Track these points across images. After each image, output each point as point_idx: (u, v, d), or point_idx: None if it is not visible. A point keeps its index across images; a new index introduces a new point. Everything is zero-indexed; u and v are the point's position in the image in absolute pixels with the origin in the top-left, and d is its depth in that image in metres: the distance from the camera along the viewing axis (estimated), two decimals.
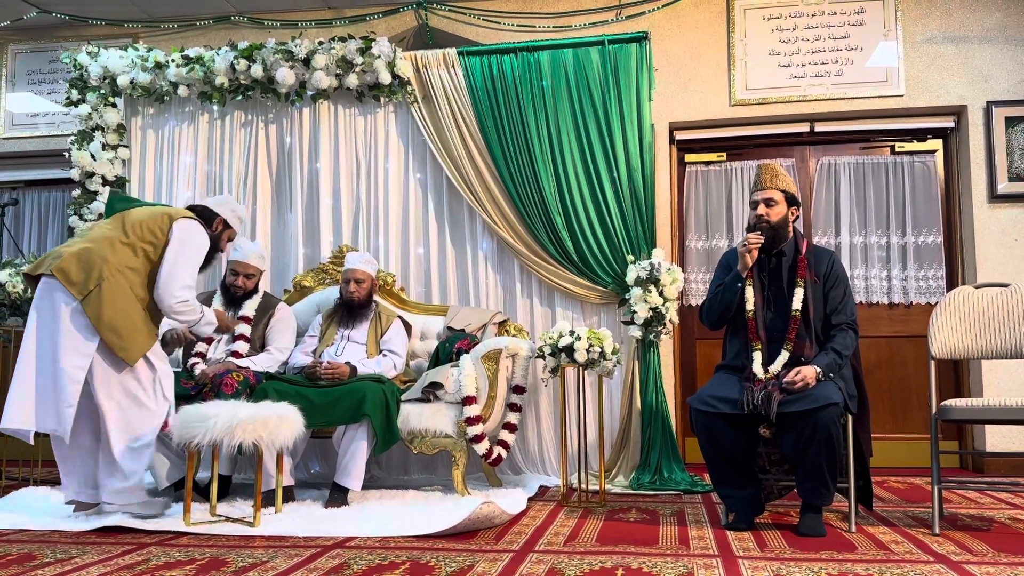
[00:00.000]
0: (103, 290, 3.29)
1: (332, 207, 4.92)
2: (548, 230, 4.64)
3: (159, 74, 4.94)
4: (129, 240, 3.42)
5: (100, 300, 3.27)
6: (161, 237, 3.46)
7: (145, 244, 3.43)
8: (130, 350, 3.32)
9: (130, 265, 3.39)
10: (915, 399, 5.07)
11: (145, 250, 3.43)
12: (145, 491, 3.42)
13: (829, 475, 3.06)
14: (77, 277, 3.29)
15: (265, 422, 3.19)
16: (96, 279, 3.29)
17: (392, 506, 3.64)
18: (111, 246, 3.39)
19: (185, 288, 3.43)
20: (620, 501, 3.90)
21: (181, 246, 3.47)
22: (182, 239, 3.48)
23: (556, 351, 3.81)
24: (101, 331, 3.26)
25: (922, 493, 4.08)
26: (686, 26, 5.22)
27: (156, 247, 3.45)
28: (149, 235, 3.45)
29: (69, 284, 3.28)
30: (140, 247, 3.43)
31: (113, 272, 3.33)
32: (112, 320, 3.28)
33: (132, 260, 3.40)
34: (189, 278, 3.46)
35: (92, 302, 3.27)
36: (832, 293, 3.30)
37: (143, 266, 3.43)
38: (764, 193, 3.34)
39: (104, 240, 3.41)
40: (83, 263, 3.32)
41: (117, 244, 3.40)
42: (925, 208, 5.14)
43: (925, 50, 5.02)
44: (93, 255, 3.34)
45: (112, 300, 3.29)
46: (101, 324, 3.26)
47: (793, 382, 3.06)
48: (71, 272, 3.30)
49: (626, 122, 4.61)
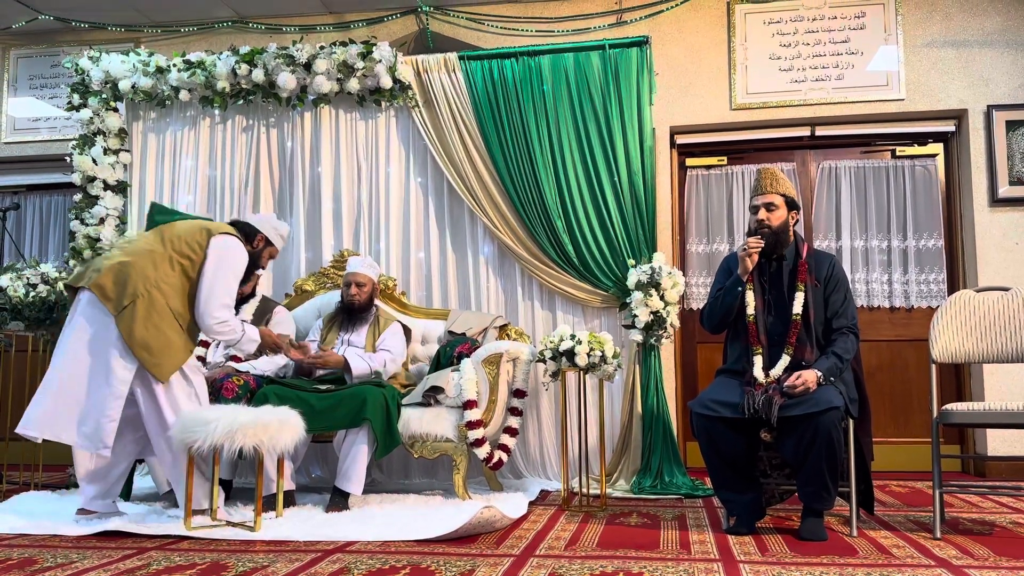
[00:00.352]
0: (137, 307, 3.28)
1: (333, 211, 4.92)
2: (549, 234, 4.64)
3: (160, 78, 4.95)
4: (167, 253, 3.40)
5: (133, 317, 3.27)
6: (199, 252, 3.43)
7: (183, 259, 3.41)
8: (162, 366, 3.31)
9: (167, 280, 3.37)
10: (916, 403, 5.07)
11: (183, 265, 3.41)
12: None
13: (830, 479, 3.06)
14: (113, 293, 3.29)
15: (266, 426, 3.19)
16: (131, 295, 3.29)
17: (393, 510, 3.64)
18: (150, 261, 3.37)
19: (223, 308, 3.40)
20: (621, 505, 3.90)
21: (219, 263, 3.43)
22: (220, 256, 3.45)
23: (557, 355, 3.81)
24: (133, 348, 3.26)
25: (923, 497, 4.07)
26: (687, 30, 5.23)
27: (193, 263, 3.43)
28: (187, 249, 3.42)
29: (105, 300, 3.28)
30: (178, 261, 3.41)
31: (150, 288, 3.32)
32: (144, 337, 3.27)
33: (170, 275, 3.38)
34: (227, 296, 3.42)
35: (125, 319, 3.27)
36: (833, 297, 3.30)
37: (180, 281, 3.40)
38: (764, 197, 3.34)
39: (143, 254, 3.40)
40: (120, 278, 3.31)
41: (156, 258, 3.38)
42: (926, 212, 5.14)
43: (926, 54, 5.03)
44: (131, 270, 3.33)
45: (146, 317, 3.29)
46: (133, 341, 3.26)
47: (794, 386, 3.06)
48: (107, 287, 3.30)
49: (627, 126, 4.62)
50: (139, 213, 5.05)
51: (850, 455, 3.18)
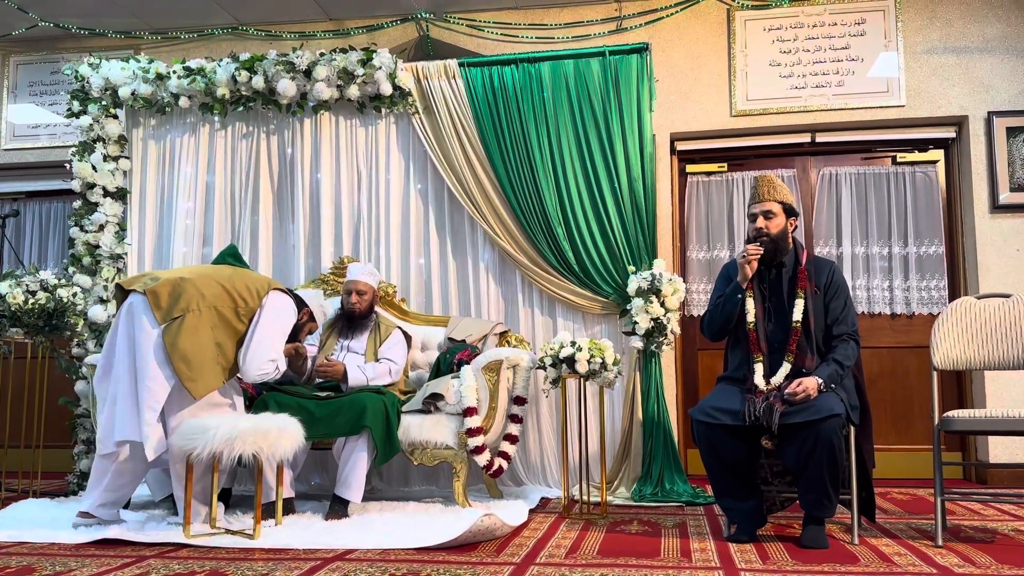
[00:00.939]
0: (185, 320, 3.32)
1: (333, 218, 4.93)
2: (549, 241, 4.64)
3: (160, 85, 4.96)
4: (227, 287, 3.45)
5: (180, 329, 3.30)
6: (255, 300, 3.49)
7: (239, 299, 3.46)
8: (198, 382, 3.32)
9: (220, 309, 3.41)
10: (917, 410, 5.07)
11: (237, 305, 3.46)
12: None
13: (831, 487, 3.06)
14: (165, 303, 3.33)
15: (265, 434, 3.19)
16: (182, 309, 3.33)
17: (392, 518, 3.64)
18: (210, 285, 3.42)
19: (270, 362, 3.47)
20: (622, 513, 3.90)
21: (276, 317, 3.52)
22: (277, 310, 3.53)
23: (557, 362, 3.81)
24: (173, 359, 3.28)
25: (925, 505, 4.07)
26: (687, 37, 5.25)
27: (248, 306, 3.48)
28: (245, 292, 3.48)
29: (156, 308, 3.32)
30: (235, 299, 3.45)
31: (202, 307, 3.36)
32: (185, 351, 3.29)
33: (222, 307, 3.42)
34: (276, 352, 3.51)
35: (171, 330, 3.30)
36: (833, 304, 3.30)
37: (231, 318, 3.44)
38: (762, 205, 3.35)
39: (205, 277, 3.45)
40: (175, 291, 3.36)
41: (215, 285, 3.43)
42: (927, 218, 5.15)
43: (926, 60, 5.04)
44: (188, 286, 3.38)
45: (192, 331, 3.32)
46: (174, 352, 3.28)
47: (795, 393, 3.06)
48: (161, 297, 3.33)
49: (627, 133, 4.63)
50: (139, 220, 5.06)
51: (851, 462, 3.18)
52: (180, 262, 4.95)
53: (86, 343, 4.76)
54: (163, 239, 5.05)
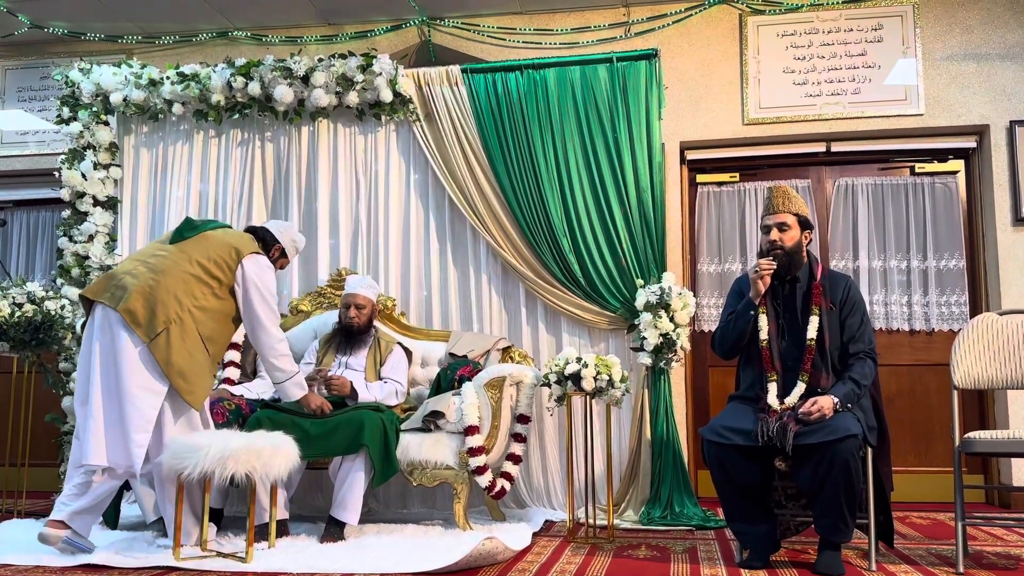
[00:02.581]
0: (171, 334, 3.30)
1: (331, 228, 4.94)
2: (554, 253, 4.65)
3: (153, 91, 4.99)
4: (195, 273, 3.42)
5: (169, 344, 3.29)
6: (228, 275, 3.47)
7: (212, 280, 3.44)
8: (197, 394, 3.35)
9: (198, 304, 3.40)
10: (938, 431, 5.05)
11: (211, 286, 3.44)
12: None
13: (848, 510, 3.04)
14: (144, 318, 3.29)
15: (259, 453, 3.18)
16: (164, 322, 3.30)
17: (390, 541, 3.62)
18: (181, 282, 3.38)
19: (281, 342, 3.55)
20: (629, 537, 3.88)
21: (259, 290, 3.51)
22: (257, 283, 3.51)
23: (562, 379, 3.80)
24: (170, 376, 3.28)
25: (946, 530, 4.04)
26: (697, 43, 5.26)
27: (222, 284, 3.46)
28: (216, 270, 3.45)
29: (136, 326, 3.28)
30: (207, 282, 3.43)
31: (181, 314, 3.34)
32: (180, 365, 3.30)
33: (199, 298, 3.41)
34: (275, 317, 3.56)
35: (160, 346, 3.28)
36: (849, 321, 3.29)
37: (210, 303, 3.43)
38: (776, 217, 3.35)
39: (173, 274, 3.39)
40: (149, 302, 3.31)
41: (186, 279, 3.40)
42: (947, 231, 5.14)
43: (945, 68, 5.05)
44: (160, 293, 3.33)
45: (181, 343, 3.31)
46: (170, 369, 3.28)
47: (809, 413, 3.06)
48: (138, 313, 3.29)
49: (635, 141, 4.63)
50: (130, 230, 5.07)
51: (868, 485, 3.17)
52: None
53: (74, 357, 4.76)
54: None
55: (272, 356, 3.55)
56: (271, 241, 3.73)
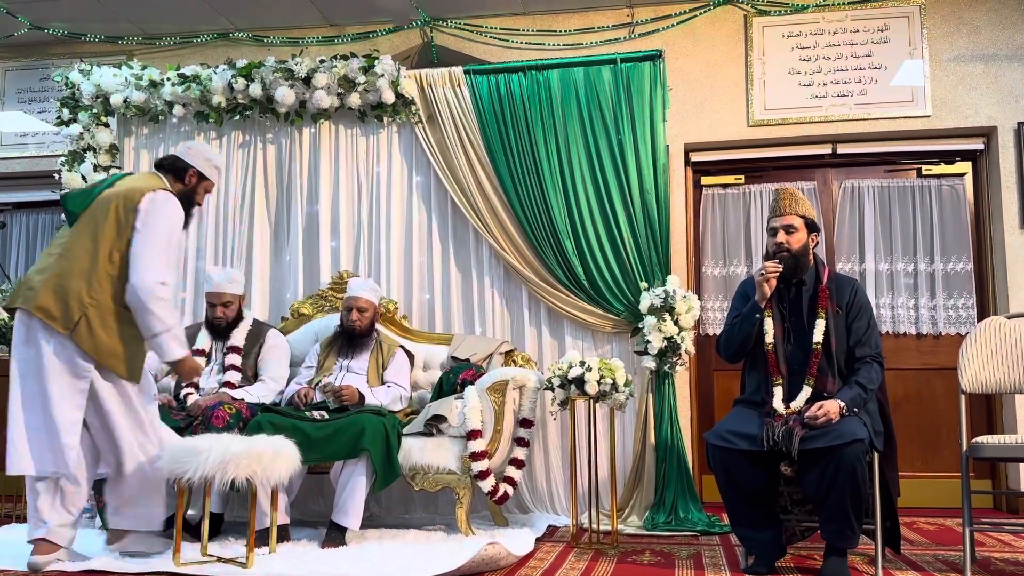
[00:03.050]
0: (89, 318, 3.22)
1: (332, 230, 4.94)
2: (557, 255, 4.65)
3: (154, 93, 5.00)
4: (99, 243, 3.28)
5: (90, 329, 3.22)
6: (129, 227, 3.30)
7: (119, 241, 3.29)
8: (134, 366, 3.31)
9: (110, 275, 3.27)
10: (945, 435, 5.04)
11: (121, 249, 3.29)
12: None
13: (854, 516, 3.04)
14: (58, 311, 3.21)
15: (259, 457, 3.19)
16: (79, 308, 3.21)
17: (392, 546, 3.63)
18: (87, 261, 3.26)
19: (160, 285, 3.24)
20: (633, 543, 3.88)
21: (147, 226, 3.28)
22: (146, 218, 3.29)
23: (566, 383, 3.80)
24: (102, 359, 3.23)
25: (953, 535, 4.04)
26: (702, 44, 5.26)
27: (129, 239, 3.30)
28: (120, 229, 3.29)
29: (52, 320, 3.20)
30: (115, 247, 3.29)
31: (96, 293, 3.24)
32: (109, 344, 3.24)
33: (111, 267, 3.28)
34: (164, 263, 3.28)
35: (82, 334, 3.21)
36: (855, 324, 3.29)
37: (121, 271, 3.29)
38: (783, 219, 3.35)
39: (76, 258, 3.27)
40: (60, 294, 3.23)
41: (92, 254, 3.27)
42: (954, 234, 5.14)
43: (952, 69, 5.04)
44: (69, 281, 3.24)
45: (102, 324, 3.24)
46: (100, 353, 3.23)
47: (815, 417, 3.05)
48: (51, 308, 3.21)
49: (639, 143, 4.64)
50: None
51: (875, 490, 3.16)
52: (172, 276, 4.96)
53: None
54: None
55: (149, 300, 3.23)
56: (183, 168, 3.53)
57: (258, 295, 4.93)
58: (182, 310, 4.94)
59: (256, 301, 4.91)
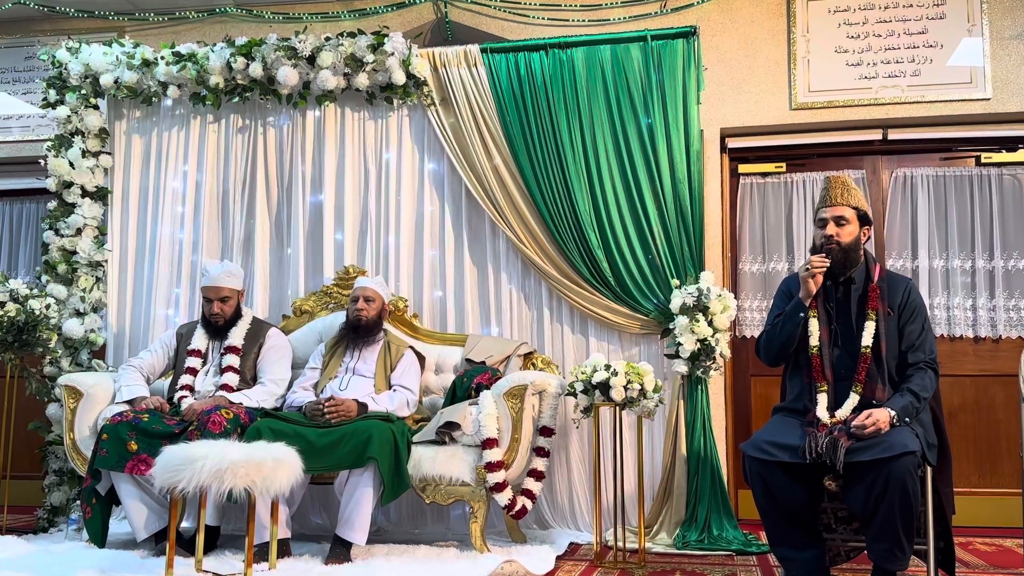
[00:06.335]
0: None
1: (337, 223, 4.96)
2: (581, 249, 4.64)
3: (147, 73, 5.02)
4: None
5: None
6: None
7: None
8: None
9: None
10: (1005, 448, 5.01)
11: None
12: None
13: (904, 535, 3.02)
14: None
15: (259, 466, 3.19)
16: None
17: (400, 563, 3.64)
18: None
19: None
20: (662, 562, 3.88)
21: None
22: None
23: (589, 388, 3.80)
24: None
25: (1013, 557, 4.02)
26: (740, 20, 5.24)
27: None
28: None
29: None
30: None
31: None
32: None
33: None
34: None
35: None
36: (908, 327, 3.27)
37: None
38: (833, 210, 3.33)
39: None
40: None
41: None
42: (1015, 228, 5.10)
43: (1015, 48, 5.00)
44: None
45: None
46: None
47: (863, 427, 3.04)
48: None
49: (671, 128, 4.63)
50: (120, 223, 5.11)
51: (927, 508, 3.14)
52: (166, 270, 5.01)
53: (60, 361, 4.80)
54: (147, 245, 5.09)
55: None
56: None
57: (258, 291, 4.96)
58: (177, 307, 4.98)
59: (256, 297, 4.93)
